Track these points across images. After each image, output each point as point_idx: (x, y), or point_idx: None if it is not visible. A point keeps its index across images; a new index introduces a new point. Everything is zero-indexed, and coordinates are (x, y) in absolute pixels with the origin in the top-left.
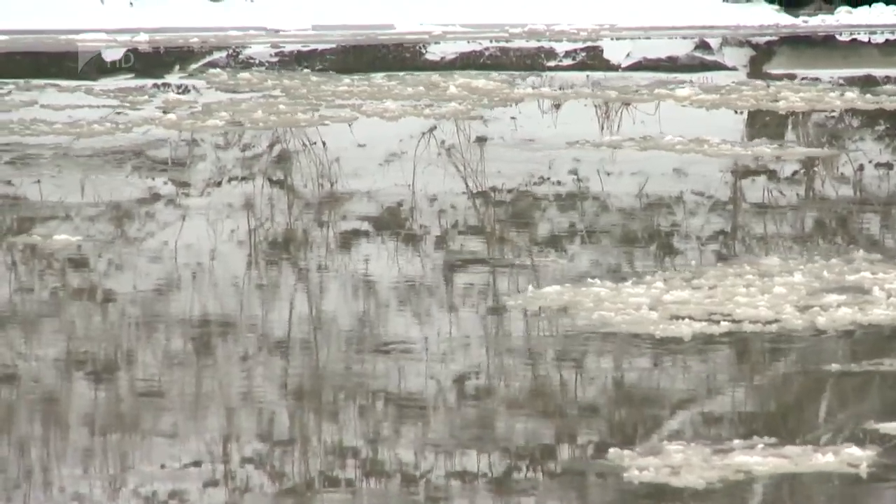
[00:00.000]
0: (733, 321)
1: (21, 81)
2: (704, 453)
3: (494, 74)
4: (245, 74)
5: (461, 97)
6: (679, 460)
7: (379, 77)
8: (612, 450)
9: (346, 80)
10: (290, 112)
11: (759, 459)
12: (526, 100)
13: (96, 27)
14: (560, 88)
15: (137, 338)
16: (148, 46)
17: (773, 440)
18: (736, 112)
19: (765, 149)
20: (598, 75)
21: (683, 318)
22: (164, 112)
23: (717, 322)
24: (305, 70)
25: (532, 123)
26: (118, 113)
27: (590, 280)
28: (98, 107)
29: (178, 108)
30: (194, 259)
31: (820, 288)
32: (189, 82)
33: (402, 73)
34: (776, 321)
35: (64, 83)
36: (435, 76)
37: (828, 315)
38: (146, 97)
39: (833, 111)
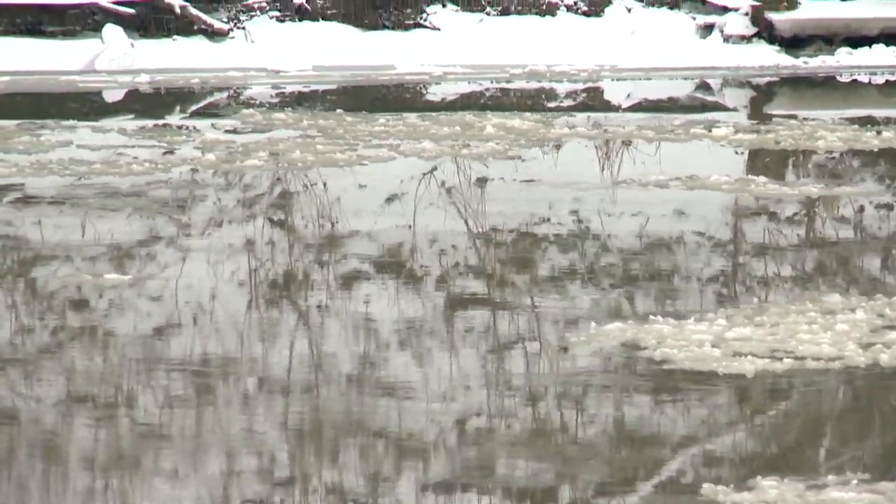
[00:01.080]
0: (796, 358)
1: (51, 121)
2: (798, 489)
3: (528, 114)
4: (280, 115)
5: (498, 137)
6: (774, 496)
7: (413, 117)
8: (705, 485)
9: (382, 119)
10: (328, 152)
11: (854, 496)
12: (563, 139)
13: (98, 68)
14: (595, 128)
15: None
16: (149, 87)
17: (865, 476)
18: (774, 151)
19: (812, 188)
20: (619, 116)
21: (746, 355)
22: (203, 152)
23: (780, 359)
24: (339, 110)
25: (574, 163)
26: (163, 154)
27: (652, 317)
28: (134, 146)
29: (217, 147)
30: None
31: (882, 325)
32: (224, 122)
33: (435, 113)
34: (839, 358)
35: (97, 123)
36: (469, 116)
37: (891, 352)
38: (183, 137)
39: (872, 150)
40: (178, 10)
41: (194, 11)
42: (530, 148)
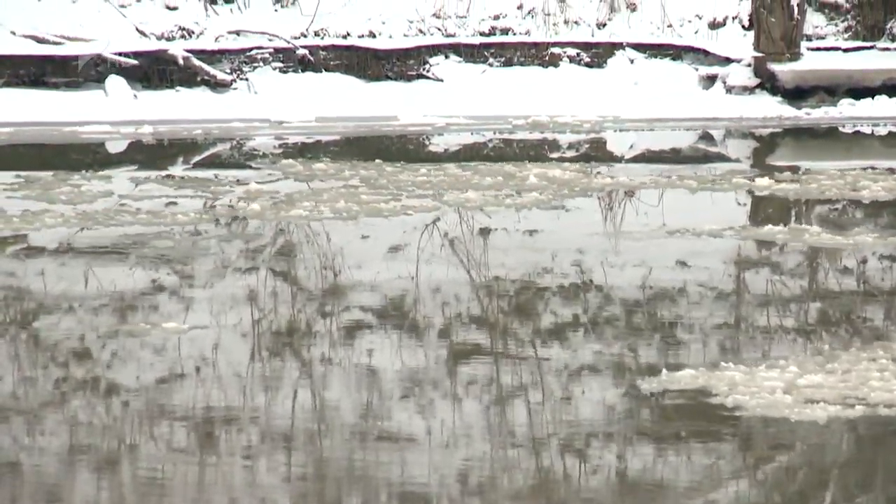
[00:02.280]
0: (868, 405)
1: (86, 172)
2: None
3: (567, 164)
4: (320, 165)
5: (541, 187)
6: None
7: (453, 167)
8: None
9: (423, 169)
10: (372, 201)
11: None
12: (606, 189)
13: (100, 119)
14: (636, 177)
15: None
16: (152, 138)
17: None
18: (820, 201)
19: (867, 238)
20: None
21: (818, 402)
22: (248, 202)
23: (852, 406)
24: (377, 160)
25: (621, 212)
26: (207, 204)
27: (724, 364)
28: (176, 197)
29: (260, 197)
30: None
31: None
32: (263, 172)
33: (474, 163)
34: None
35: (132, 174)
36: (508, 166)
37: None
38: (226, 187)
39: None
40: (181, 62)
41: (197, 62)
42: (574, 198)
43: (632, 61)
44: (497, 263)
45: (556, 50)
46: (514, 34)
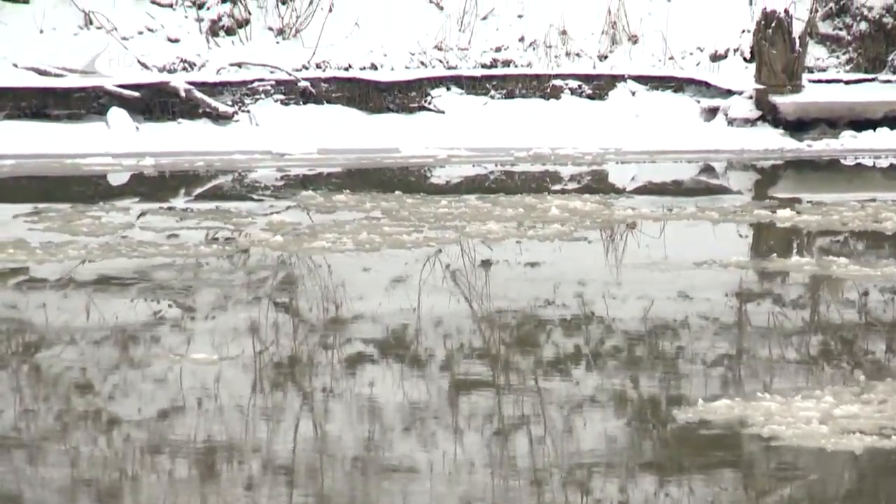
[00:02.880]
0: None
1: (104, 203)
2: None
3: (587, 195)
4: (341, 196)
5: (562, 219)
6: None
7: (473, 198)
8: None
9: (444, 201)
10: (394, 233)
11: None
12: (628, 220)
13: (102, 151)
14: (657, 209)
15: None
16: (153, 170)
17: None
18: (843, 232)
19: (894, 269)
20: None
21: (854, 433)
22: (271, 233)
23: (889, 437)
24: (397, 192)
25: (645, 244)
26: (229, 235)
27: (759, 394)
28: (196, 228)
29: (283, 229)
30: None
31: None
32: (282, 203)
33: (494, 195)
34: None
35: (152, 205)
36: (529, 198)
37: None
38: (248, 219)
39: None
40: (182, 94)
41: (199, 95)
42: (596, 230)
43: (633, 93)
44: (530, 295)
45: (557, 82)
46: (516, 66)
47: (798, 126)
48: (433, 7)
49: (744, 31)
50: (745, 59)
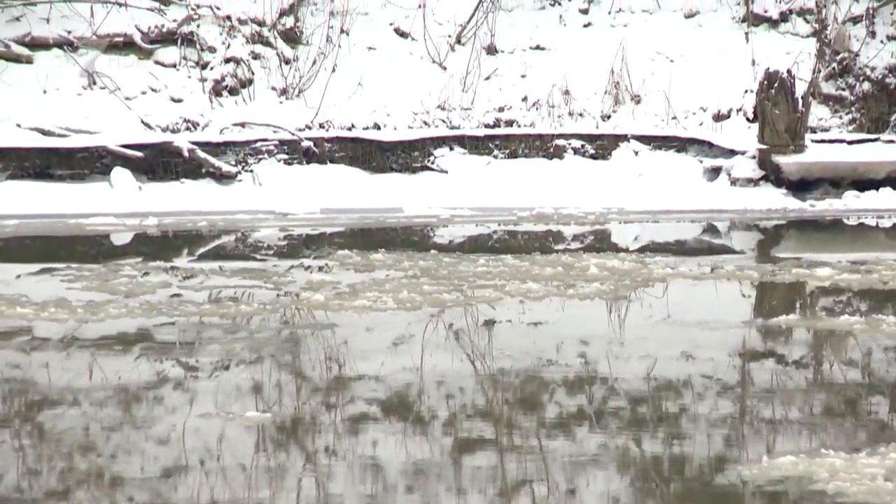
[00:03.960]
0: None
1: (136, 261)
2: None
3: (623, 254)
4: (377, 255)
5: (602, 277)
6: None
7: (510, 258)
8: None
9: (482, 260)
10: (435, 292)
11: None
12: (667, 280)
13: (105, 211)
14: (694, 268)
15: None
16: (157, 230)
17: None
18: (884, 291)
19: None
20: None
21: None
22: (311, 292)
23: None
24: (433, 251)
25: (688, 303)
26: (271, 295)
27: (824, 450)
28: (234, 287)
29: (323, 288)
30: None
31: None
32: (318, 262)
33: (532, 254)
34: None
35: (188, 265)
36: (566, 257)
37: None
38: (289, 278)
39: None
40: (186, 154)
41: (202, 154)
42: (635, 289)
43: (636, 153)
44: (576, 353)
45: (560, 142)
46: (519, 126)
47: (801, 186)
48: (436, 67)
49: (746, 91)
50: (747, 118)
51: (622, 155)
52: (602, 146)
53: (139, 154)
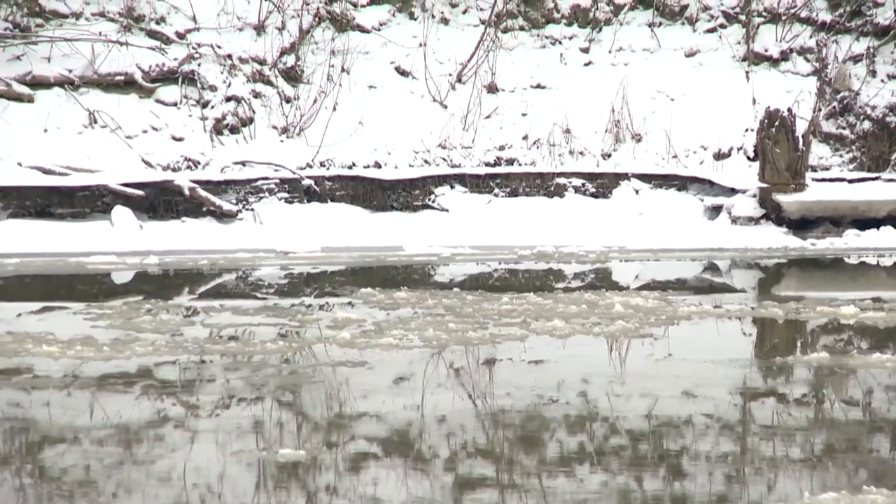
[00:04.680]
0: None
1: (157, 301)
2: None
3: (646, 292)
4: (401, 293)
5: (626, 315)
6: None
7: (534, 296)
8: None
9: (505, 298)
10: (460, 330)
11: None
12: (692, 317)
13: (106, 249)
14: (719, 306)
15: None
16: (157, 268)
17: None
18: None
19: None
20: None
21: None
22: (336, 330)
23: None
24: (456, 289)
25: (715, 341)
26: (295, 332)
27: (865, 488)
28: (259, 325)
29: (349, 326)
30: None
31: None
32: (342, 299)
33: (554, 293)
34: None
35: (202, 304)
36: (589, 294)
37: None
38: (313, 316)
39: None
40: (186, 192)
41: (203, 193)
42: (660, 326)
43: (637, 191)
44: (604, 392)
45: (561, 180)
46: (520, 164)
47: (802, 224)
48: (437, 106)
49: (747, 130)
50: (748, 157)
51: (623, 193)
52: (603, 185)
53: (140, 193)
